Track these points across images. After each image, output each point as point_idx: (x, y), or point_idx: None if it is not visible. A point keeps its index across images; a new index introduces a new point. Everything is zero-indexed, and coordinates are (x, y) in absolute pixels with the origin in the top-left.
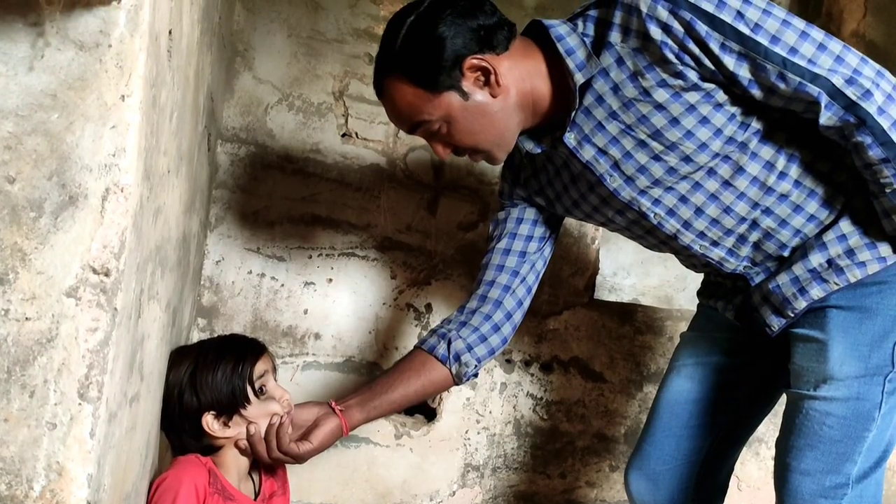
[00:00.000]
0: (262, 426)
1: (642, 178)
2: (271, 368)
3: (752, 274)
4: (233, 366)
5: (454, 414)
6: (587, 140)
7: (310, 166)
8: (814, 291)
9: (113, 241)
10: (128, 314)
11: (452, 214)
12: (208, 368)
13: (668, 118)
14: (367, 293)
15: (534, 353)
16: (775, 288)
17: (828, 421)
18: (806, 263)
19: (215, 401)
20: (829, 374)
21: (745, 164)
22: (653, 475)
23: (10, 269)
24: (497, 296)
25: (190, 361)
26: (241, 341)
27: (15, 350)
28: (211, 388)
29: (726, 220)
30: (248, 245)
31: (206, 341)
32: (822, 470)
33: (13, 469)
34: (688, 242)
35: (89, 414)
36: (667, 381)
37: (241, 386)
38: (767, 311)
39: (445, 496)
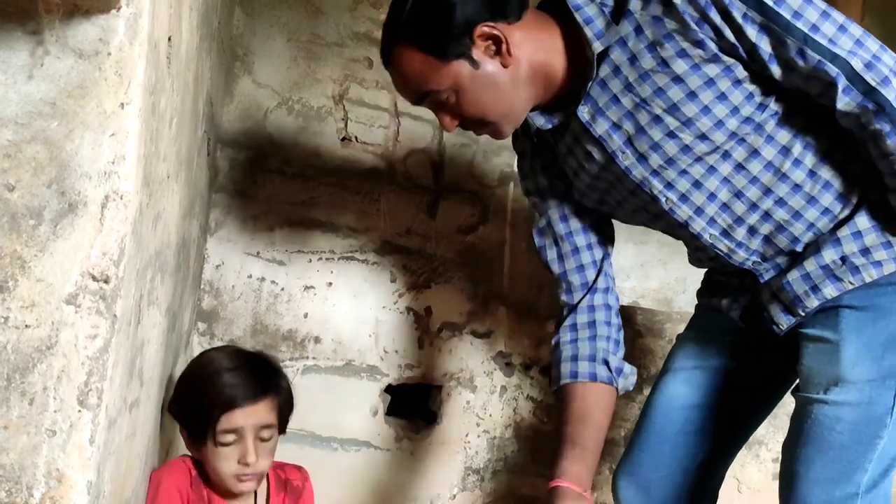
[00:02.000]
0: (215, 473)
1: (655, 157)
2: (260, 425)
3: (762, 270)
4: (207, 402)
5: (454, 417)
6: (601, 114)
7: (309, 170)
8: (827, 290)
9: (112, 249)
10: (127, 321)
11: (452, 217)
12: (198, 382)
13: (685, 91)
14: (366, 297)
15: (534, 356)
16: (786, 284)
17: (838, 427)
18: (818, 259)
19: (182, 416)
20: (841, 376)
21: (761, 148)
22: (644, 483)
23: (9, 277)
24: (599, 299)
25: (207, 362)
26: (244, 380)
27: (14, 357)
28: (185, 402)
29: (737, 205)
30: (248, 249)
31: (235, 354)
32: (831, 479)
33: (13, 476)
34: (698, 231)
35: (89, 421)
36: (661, 384)
37: (201, 423)
38: (776, 309)
39: (446, 499)
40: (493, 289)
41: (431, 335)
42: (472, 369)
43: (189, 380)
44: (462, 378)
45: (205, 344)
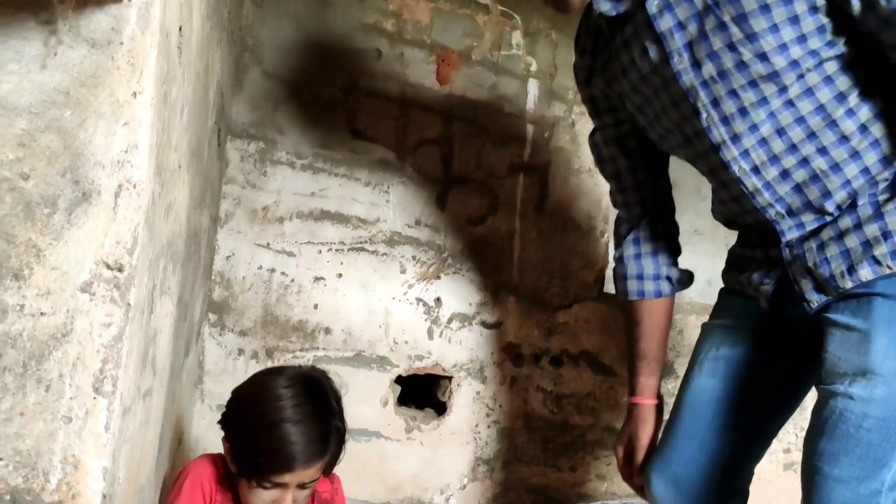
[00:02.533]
0: (246, 501)
1: (710, 66)
2: (305, 482)
3: (784, 227)
4: (262, 455)
5: (464, 408)
6: (669, 9)
7: (319, 162)
8: (863, 272)
9: (126, 238)
10: (140, 309)
11: (462, 208)
12: (258, 425)
13: (759, 3)
14: (376, 288)
15: (543, 346)
16: (823, 263)
17: (865, 423)
18: (859, 235)
19: (232, 442)
20: (870, 368)
21: (817, 87)
22: (674, 478)
23: (24, 265)
24: (657, 209)
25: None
26: (305, 440)
27: (30, 345)
28: (239, 436)
29: (777, 143)
30: (258, 240)
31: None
32: (857, 477)
33: (29, 462)
34: (729, 159)
35: (104, 408)
36: (688, 378)
37: (249, 465)
38: (808, 285)
39: (456, 489)
40: (503, 279)
41: (441, 326)
42: (482, 360)
43: (248, 413)
44: (472, 369)
45: (216, 335)
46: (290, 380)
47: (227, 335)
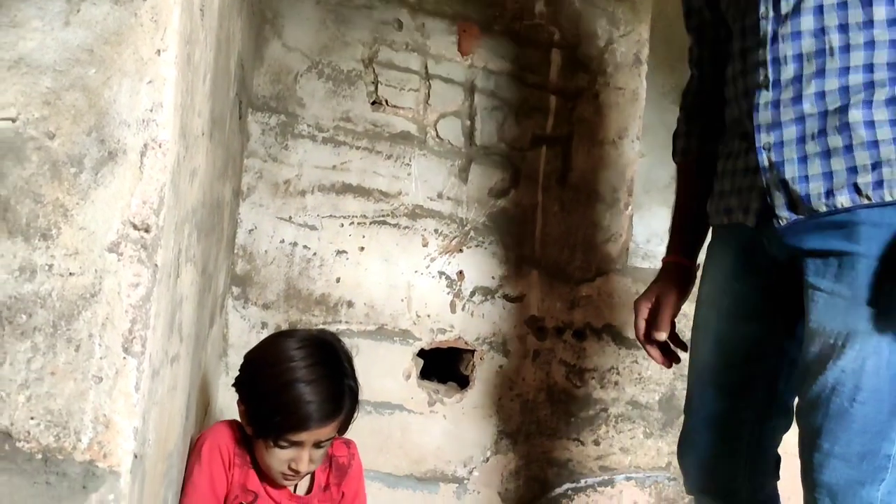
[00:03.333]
0: (263, 464)
1: None
2: (321, 440)
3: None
4: (277, 415)
5: (487, 382)
6: None
7: (340, 135)
8: (841, 199)
9: (152, 198)
10: (167, 272)
11: (484, 181)
12: (272, 386)
13: None
14: (398, 261)
15: (566, 320)
16: (801, 179)
17: (858, 397)
18: (848, 159)
19: (248, 405)
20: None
21: None
22: (704, 462)
23: (52, 225)
24: None
25: (284, 362)
26: (319, 399)
27: (60, 305)
28: (253, 397)
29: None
30: (280, 214)
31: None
32: (858, 453)
33: (61, 421)
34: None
35: (134, 368)
36: (693, 352)
37: (265, 425)
38: (780, 200)
39: (479, 462)
40: (526, 252)
41: (464, 299)
42: (505, 333)
43: (262, 375)
44: (495, 342)
45: (239, 308)
46: (301, 341)
47: (250, 308)
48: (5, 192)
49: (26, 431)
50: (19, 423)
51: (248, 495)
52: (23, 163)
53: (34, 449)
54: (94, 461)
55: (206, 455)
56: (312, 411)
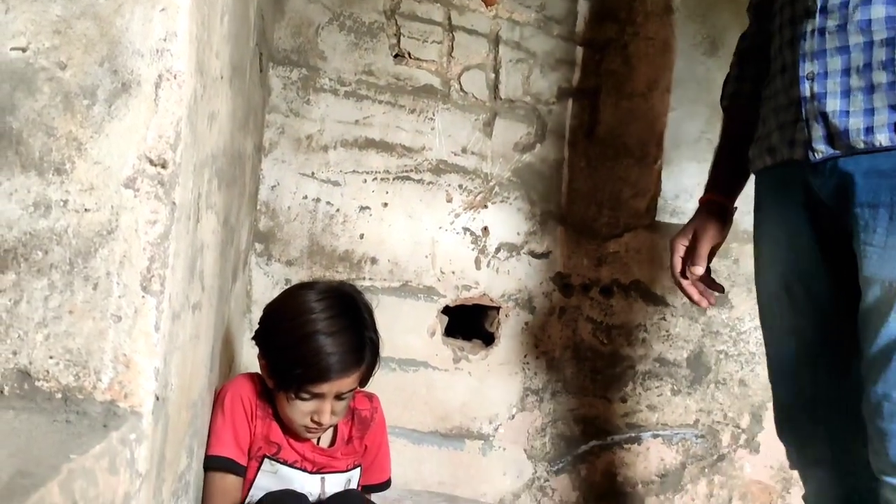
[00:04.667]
0: (285, 417)
1: None
2: (343, 392)
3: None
4: (298, 367)
5: (512, 339)
6: None
7: (362, 88)
8: (881, 137)
9: (168, 132)
10: (186, 214)
11: (509, 135)
12: (292, 338)
13: None
14: (422, 217)
15: (593, 276)
16: (842, 114)
17: None
18: (891, 96)
19: (268, 357)
20: None
21: None
22: (801, 437)
23: (66, 159)
24: None
25: (304, 314)
26: (340, 351)
27: (76, 242)
28: (274, 350)
29: None
30: (303, 170)
31: (333, 311)
32: None
33: (80, 361)
34: None
35: (153, 307)
36: (764, 321)
37: (286, 377)
38: (819, 132)
39: (504, 419)
40: (551, 208)
41: (489, 255)
42: (531, 290)
43: (282, 327)
44: (520, 299)
45: (262, 265)
46: (321, 293)
47: (273, 265)
48: (17, 124)
49: (45, 371)
50: (38, 362)
51: (271, 447)
52: (34, 94)
53: (53, 388)
54: (115, 401)
55: (228, 406)
56: (333, 363)
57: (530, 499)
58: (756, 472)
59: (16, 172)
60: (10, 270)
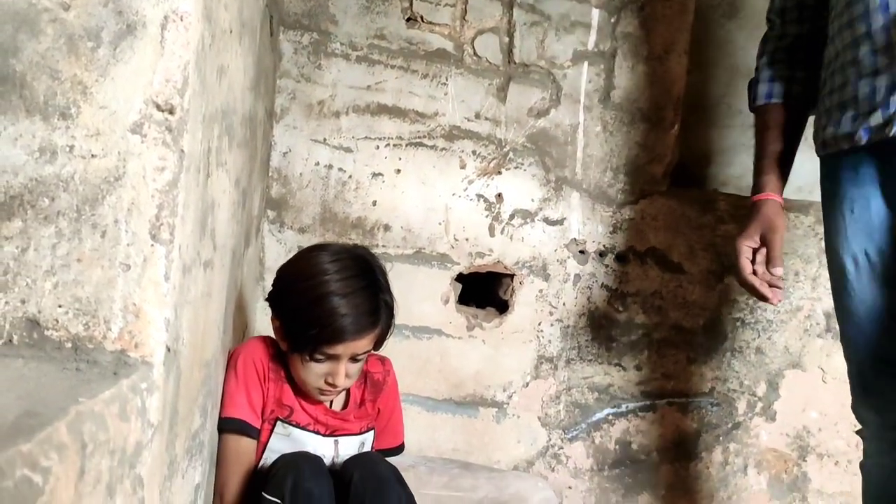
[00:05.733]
0: (299, 379)
1: None
2: (358, 353)
3: None
4: (313, 328)
5: (527, 306)
6: None
7: (374, 53)
8: None
9: (175, 76)
10: (196, 166)
11: (523, 100)
12: (307, 299)
13: None
14: (435, 183)
15: (609, 243)
16: None
17: None
18: None
19: (283, 318)
20: None
21: None
22: (881, 399)
23: (71, 103)
24: (804, 41)
25: (318, 275)
26: (355, 312)
27: (83, 188)
28: (288, 311)
29: None
30: (315, 136)
31: (347, 273)
32: None
33: (90, 310)
34: None
35: (162, 256)
36: (841, 293)
37: (300, 339)
38: None
39: (519, 387)
40: (566, 174)
41: (503, 222)
42: (545, 257)
43: (296, 288)
44: (534, 266)
45: (275, 232)
46: (335, 255)
47: (286, 232)
48: (21, 67)
49: (54, 319)
50: (47, 310)
51: (283, 409)
52: (38, 36)
53: (63, 337)
54: (126, 351)
55: (241, 368)
56: (348, 324)
57: (544, 466)
58: (772, 440)
59: (20, 117)
60: (16, 217)
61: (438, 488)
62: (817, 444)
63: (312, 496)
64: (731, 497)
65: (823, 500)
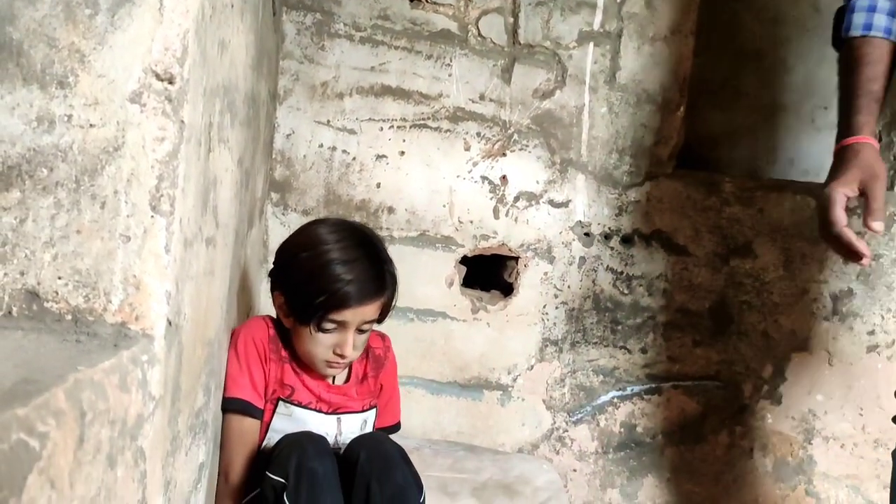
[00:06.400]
0: (306, 354)
1: None
2: (364, 321)
3: None
4: (319, 297)
5: (531, 289)
6: None
7: (378, 34)
8: None
9: (175, 44)
10: (197, 139)
11: (528, 82)
12: (309, 269)
13: None
14: (440, 166)
15: (614, 226)
16: None
17: None
18: None
19: (286, 292)
20: None
21: None
22: None
23: (69, 72)
24: None
25: (319, 245)
26: (359, 278)
27: (82, 158)
28: (292, 283)
29: None
30: (318, 118)
31: (349, 242)
32: None
33: (90, 282)
34: None
35: (163, 227)
36: None
37: (306, 310)
38: None
39: (523, 370)
40: (571, 156)
41: (507, 205)
42: (550, 240)
43: (299, 260)
44: (539, 249)
45: (279, 214)
46: (333, 226)
47: (290, 214)
48: (18, 34)
49: (54, 291)
50: (46, 282)
51: (284, 389)
52: (35, 3)
53: (63, 310)
54: (126, 323)
55: (241, 348)
56: (353, 290)
57: (549, 449)
58: (777, 423)
59: (17, 85)
60: (14, 188)
61: (443, 470)
62: (823, 427)
63: (317, 475)
64: (737, 480)
65: (829, 482)
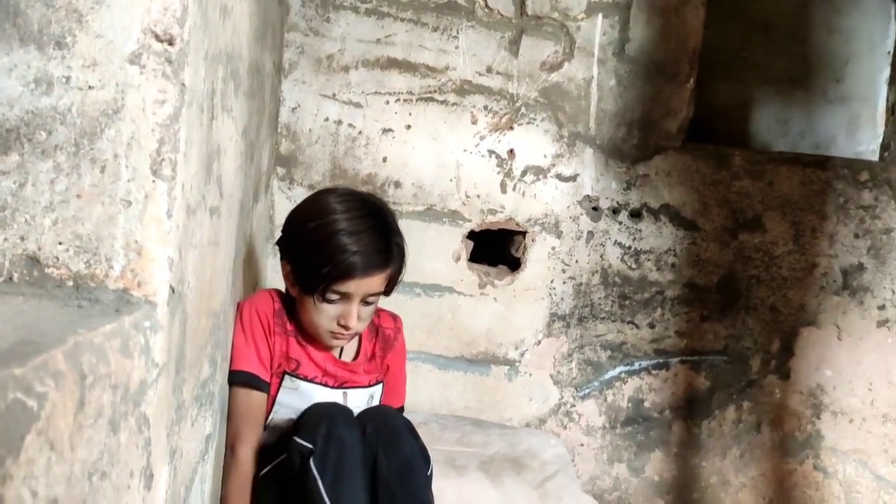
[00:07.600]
0: (311, 325)
1: None
2: (370, 293)
3: None
4: (324, 266)
5: (539, 263)
6: None
7: (384, 5)
8: None
9: (174, 4)
10: (199, 104)
11: (536, 54)
12: (316, 238)
13: None
14: (447, 139)
15: (622, 200)
16: None
17: None
18: None
19: (293, 260)
20: None
21: None
22: None
23: (66, 32)
24: None
25: (327, 215)
26: (366, 250)
27: (81, 121)
28: (299, 251)
29: None
30: (324, 91)
31: (357, 213)
32: None
33: (91, 247)
34: None
35: (164, 192)
36: None
37: (311, 279)
38: None
39: (531, 345)
40: (579, 130)
41: (514, 179)
42: (558, 214)
43: (306, 229)
44: (547, 223)
45: (284, 189)
46: (342, 196)
47: (296, 189)
48: None
49: (55, 257)
50: (47, 248)
51: (290, 363)
52: None
53: (64, 275)
54: (128, 289)
55: (247, 321)
56: (358, 261)
57: (556, 424)
58: (785, 398)
59: (14, 46)
60: (13, 151)
61: (450, 444)
62: (831, 402)
63: (345, 443)
64: (744, 454)
65: (837, 457)
